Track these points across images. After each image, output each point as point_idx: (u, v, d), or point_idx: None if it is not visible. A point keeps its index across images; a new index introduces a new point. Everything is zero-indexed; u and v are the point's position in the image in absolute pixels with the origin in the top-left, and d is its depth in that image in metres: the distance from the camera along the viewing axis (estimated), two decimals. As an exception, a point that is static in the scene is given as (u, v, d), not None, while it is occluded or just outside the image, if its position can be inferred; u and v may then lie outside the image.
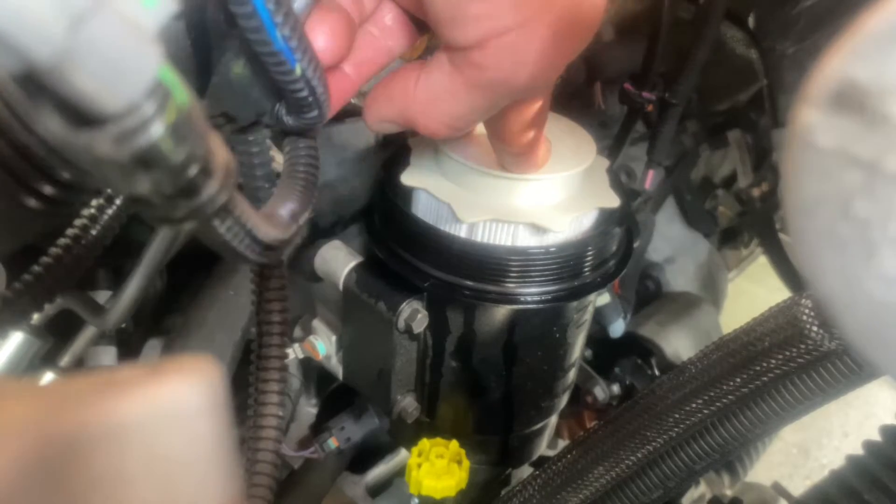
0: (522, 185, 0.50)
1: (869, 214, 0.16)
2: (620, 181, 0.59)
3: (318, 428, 0.68)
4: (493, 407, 0.61)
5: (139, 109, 0.19)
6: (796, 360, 0.48)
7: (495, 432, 0.65)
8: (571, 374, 0.64)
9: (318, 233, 0.59)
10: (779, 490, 0.70)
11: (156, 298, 0.64)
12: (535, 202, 0.50)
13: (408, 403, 0.60)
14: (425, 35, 0.41)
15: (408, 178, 0.52)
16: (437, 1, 0.32)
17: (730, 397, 0.51)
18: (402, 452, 0.76)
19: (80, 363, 0.58)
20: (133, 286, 0.49)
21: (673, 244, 1.09)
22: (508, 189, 0.50)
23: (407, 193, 0.53)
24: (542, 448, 0.70)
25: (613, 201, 0.53)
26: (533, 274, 0.51)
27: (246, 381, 0.42)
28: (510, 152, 0.45)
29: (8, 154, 0.31)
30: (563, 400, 0.65)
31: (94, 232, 0.39)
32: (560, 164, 0.50)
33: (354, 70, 0.39)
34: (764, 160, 1.14)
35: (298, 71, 0.29)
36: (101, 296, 0.57)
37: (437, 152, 0.53)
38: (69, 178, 0.35)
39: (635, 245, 0.59)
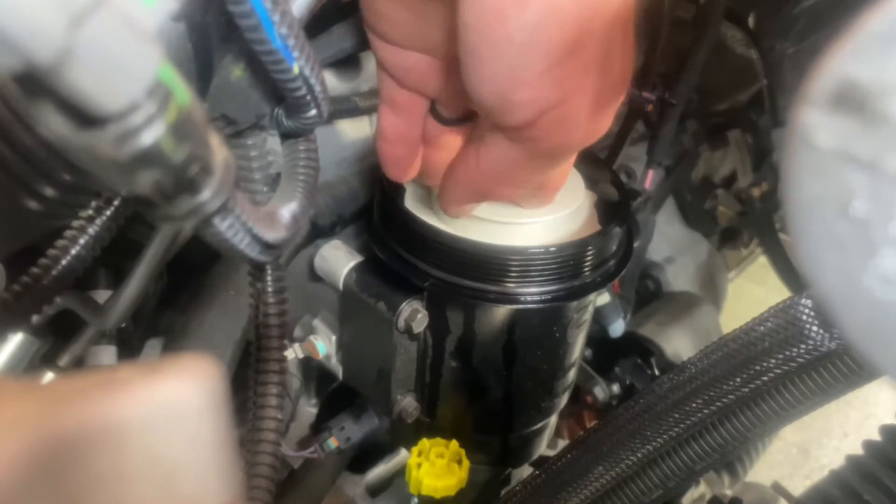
0: (513, 229, 0.50)
1: (869, 214, 0.16)
2: (620, 179, 0.59)
3: (318, 428, 0.68)
4: (493, 407, 0.61)
5: (140, 109, 0.19)
6: (796, 360, 0.48)
7: (495, 432, 0.65)
8: (571, 374, 0.64)
9: (318, 232, 0.59)
10: (779, 490, 0.70)
11: (156, 298, 0.63)
12: (525, 244, 0.51)
13: (408, 403, 0.60)
14: None
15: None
16: (483, 93, 0.34)
17: (730, 397, 0.51)
18: (402, 452, 0.76)
19: (80, 363, 0.57)
20: (133, 286, 0.49)
21: (673, 244, 1.09)
22: (496, 232, 0.50)
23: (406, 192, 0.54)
24: (542, 448, 0.70)
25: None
26: (533, 274, 0.51)
27: (246, 381, 0.42)
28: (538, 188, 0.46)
29: (8, 155, 0.31)
30: (563, 400, 0.65)
31: (91, 233, 0.39)
32: (550, 205, 0.51)
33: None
34: (764, 160, 1.15)
35: (296, 69, 0.29)
36: (101, 296, 0.57)
37: (430, 193, 0.53)
38: (69, 180, 0.35)
39: (635, 245, 0.59)
